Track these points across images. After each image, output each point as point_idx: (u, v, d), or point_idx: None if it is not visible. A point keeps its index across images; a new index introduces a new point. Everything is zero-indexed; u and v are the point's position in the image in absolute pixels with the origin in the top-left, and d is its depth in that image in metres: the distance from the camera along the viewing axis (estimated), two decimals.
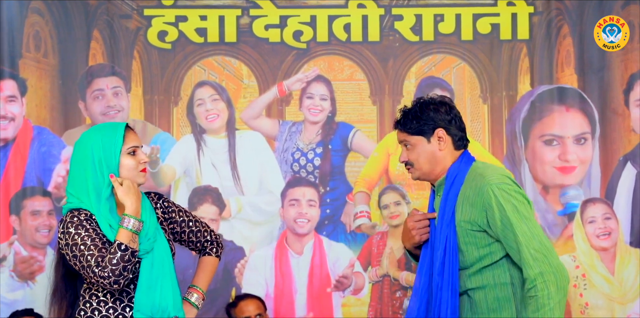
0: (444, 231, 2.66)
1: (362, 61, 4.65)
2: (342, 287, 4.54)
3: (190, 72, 4.65)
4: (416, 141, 2.73)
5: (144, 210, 2.74)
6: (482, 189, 2.61)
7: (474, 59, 4.62)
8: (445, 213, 2.66)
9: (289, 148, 4.63)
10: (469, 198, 2.65)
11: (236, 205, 4.59)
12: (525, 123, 4.57)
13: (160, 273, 2.70)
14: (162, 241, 2.75)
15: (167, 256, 2.74)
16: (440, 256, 2.64)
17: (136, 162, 2.71)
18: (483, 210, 2.61)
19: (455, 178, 2.68)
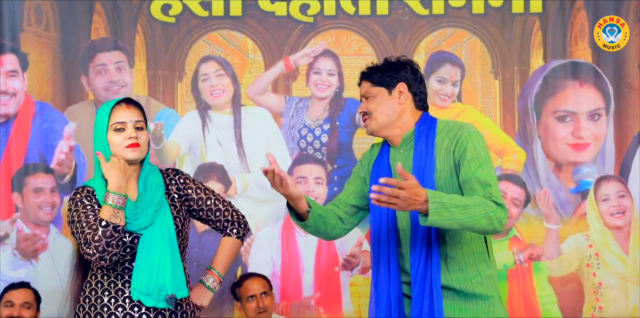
0: (427, 186, 2.72)
1: (370, 35, 4.63)
2: (350, 266, 4.54)
3: (195, 47, 4.63)
4: (377, 92, 2.84)
5: (149, 185, 2.79)
6: (460, 135, 2.75)
7: (486, 33, 4.60)
8: (425, 165, 2.75)
9: (295, 124, 4.63)
10: (447, 148, 2.76)
11: (242, 182, 4.59)
12: (537, 99, 4.56)
13: (160, 250, 2.73)
14: (165, 217, 2.77)
15: (167, 233, 2.75)
16: None
17: (122, 138, 2.74)
18: (454, 153, 2.73)
19: (428, 132, 2.79)
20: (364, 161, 3.03)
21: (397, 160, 2.86)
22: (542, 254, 4.50)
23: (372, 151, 3.03)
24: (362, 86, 2.90)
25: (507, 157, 4.57)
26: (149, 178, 2.81)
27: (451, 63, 4.60)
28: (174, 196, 2.84)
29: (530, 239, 4.53)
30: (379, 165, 2.90)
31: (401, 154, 2.87)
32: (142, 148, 2.78)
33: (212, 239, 4.55)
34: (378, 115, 2.84)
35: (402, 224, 2.87)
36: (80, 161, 4.56)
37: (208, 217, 2.88)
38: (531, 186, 4.54)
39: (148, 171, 2.82)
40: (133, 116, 2.79)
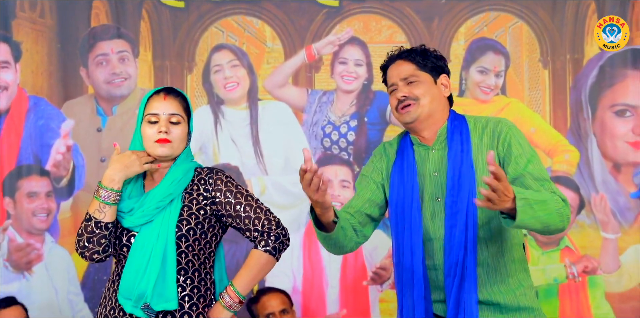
0: (465, 187, 2.67)
1: (402, 21, 4.59)
2: (380, 280, 4.47)
3: (207, 35, 4.62)
4: (424, 78, 2.78)
5: (165, 180, 2.73)
6: (500, 130, 2.72)
7: (533, 17, 4.54)
8: (463, 165, 2.69)
9: (319, 120, 4.58)
10: (487, 145, 2.73)
11: (259, 185, 4.56)
12: (593, 91, 4.49)
13: (151, 252, 2.68)
14: (167, 217, 2.71)
15: (164, 235, 2.68)
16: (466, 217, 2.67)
17: (154, 131, 2.74)
18: (497, 149, 2.70)
19: (462, 128, 2.74)
20: (379, 163, 2.90)
21: (430, 160, 2.77)
22: (598, 267, 4.43)
23: (386, 152, 2.91)
24: (402, 67, 2.80)
25: (558, 157, 4.51)
26: (170, 173, 2.77)
27: (494, 51, 4.54)
28: (195, 197, 2.76)
29: (585, 250, 4.47)
30: (402, 168, 2.80)
31: (434, 153, 2.78)
32: (174, 145, 2.76)
33: None
34: (426, 102, 2.76)
35: (435, 234, 2.76)
36: (79, 163, 4.52)
37: (238, 225, 2.78)
38: (585, 190, 4.49)
39: (175, 168, 2.78)
40: (168, 108, 2.76)
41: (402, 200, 2.74)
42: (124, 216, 2.74)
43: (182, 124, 2.77)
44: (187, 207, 2.75)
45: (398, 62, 2.81)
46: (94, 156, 4.48)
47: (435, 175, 2.74)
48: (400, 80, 2.78)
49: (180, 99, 2.80)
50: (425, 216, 2.72)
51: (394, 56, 2.82)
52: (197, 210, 2.75)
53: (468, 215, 2.66)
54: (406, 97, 2.76)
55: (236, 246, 4.50)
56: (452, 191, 2.69)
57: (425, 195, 2.74)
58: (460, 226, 2.67)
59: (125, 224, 2.74)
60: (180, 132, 2.76)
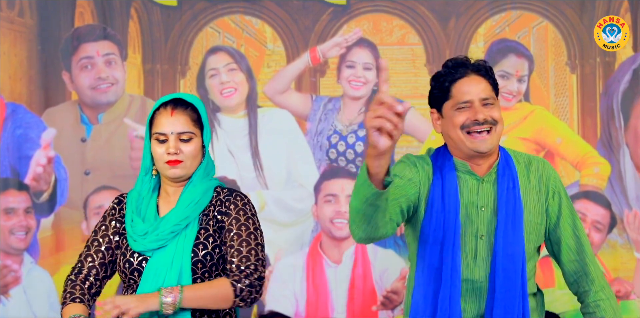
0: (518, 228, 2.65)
1: (416, 20, 4.57)
2: (391, 305, 4.44)
3: (201, 36, 4.62)
4: (497, 102, 2.69)
5: (181, 202, 2.74)
6: (548, 174, 2.72)
7: (560, 16, 4.52)
8: (515, 206, 2.67)
9: (324, 130, 4.56)
10: (535, 188, 2.71)
11: (258, 201, 4.51)
12: (625, 98, 4.47)
13: (164, 279, 2.67)
14: (182, 241, 2.70)
15: (179, 260, 2.68)
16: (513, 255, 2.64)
17: (163, 150, 2.72)
18: (546, 196, 2.71)
19: (510, 163, 2.69)
20: (418, 177, 2.72)
21: (479, 193, 2.69)
22: (631, 291, 4.42)
23: (421, 167, 2.74)
24: (482, 85, 2.67)
25: (586, 170, 4.50)
26: (187, 193, 2.76)
27: (517, 54, 4.53)
28: (212, 219, 2.76)
29: (617, 272, 4.46)
30: (443, 195, 2.67)
31: (484, 186, 2.69)
32: (187, 164, 2.73)
33: None
34: (500, 129, 2.66)
35: (474, 275, 2.66)
36: (61, 176, 4.51)
37: (225, 256, 2.74)
38: (617, 207, 4.48)
39: (192, 187, 2.76)
40: (176, 126, 2.72)
41: (442, 234, 2.62)
42: (137, 239, 2.72)
43: (195, 140, 2.74)
44: (204, 230, 2.74)
45: (474, 77, 2.66)
46: (77, 168, 4.49)
47: (483, 210, 2.65)
48: (479, 99, 2.63)
49: (191, 111, 2.76)
50: (467, 255, 2.64)
51: (465, 67, 2.67)
52: (214, 232, 2.74)
53: (523, 258, 2.62)
54: (486, 121, 2.62)
55: None
56: (505, 230, 2.61)
57: (469, 231, 2.64)
58: (515, 271, 2.62)
59: (136, 248, 2.72)
60: (192, 149, 2.73)
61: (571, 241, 2.70)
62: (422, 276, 2.69)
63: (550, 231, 2.71)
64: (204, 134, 2.76)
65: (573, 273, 2.69)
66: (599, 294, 2.68)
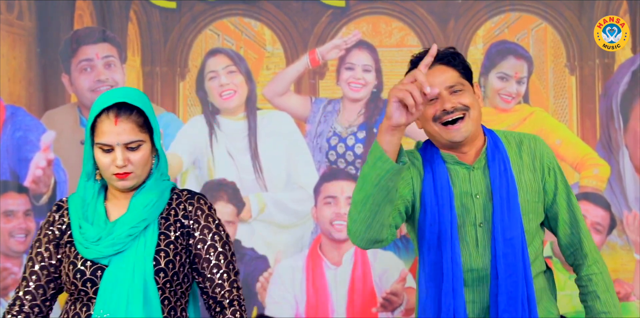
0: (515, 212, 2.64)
1: (415, 22, 4.58)
2: (391, 307, 4.45)
3: (200, 38, 4.62)
4: (468, 87, 2.65)
5: (136, 204, 2.54)
6: (542, 151, 2.71)
7: (559, 18, 4.53)
8: (508, 189, 2.65)
9: (323, 132, 4.57)
10: (529, 166, 2.69)
11: (258, 203, 4.54)
12: (625, 99, 4.46)
13: (128, 292, 2.46)
14: (142, 246, 2.50)
15: (140, 271, 2.47)
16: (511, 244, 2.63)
17: (109, 160, 2.51)
18: (542, 173, 2.71)
19: (499, 145, 2.67)
20: (412, 169, 2.71)
21: (471, 181, 2.67)
22: (631, 293, 4.41)
23: (413, 162, 2.72)
24: (446, 74, 2.64)
25: (586, 172, 4.49)
26: (141, 196, 2.56)
27: (516, 56, 4.52)
28: (172, 223, 2.56)
29: (617, 274, 4.41)
30: (435, 188, 2.65)
31: (475, 173, 2.67)
32: (137, 173, 2.53)
33: None
34: (476, 114, 2.61)
35: (478, 263, 2.65)
36: (61, 178, 4.52)
37: (202, 270, 2.57)
38: (617, 208, 4.46)
39: (146, 189, 2.57)
40: (122, 136, 2.49)
41: (437, 227, 2.61)
42: (89, 246, 2.49)
43: (144, 146, 2.53)
44: (163, 235, 2.54)
45: (438, 67, 2.62)
46: (77, 171, 4.37)
47: (478, 198, 2.63)
48: (445, 88, 2.59)
49: (137, 116, 2.52)
50: (468, 244, 2.63)
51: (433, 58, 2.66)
52: (175, 238, 2.54)
53: (522, 242, 2.60)
54: (456, 108, 2.58)
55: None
56: (502, 216, 2.59)
57: (467, 220, 2.63)
58: (515, 256, 2.60)
59: (89, 255, 2.48)
60: (141, 156, 2.52)
61: (566, 216, 2.70)
62: (425, 271, 2.68)
63: (548, 207, 2.71)
64: (154, 136, 2.55)
65: (569, 245, 2.71)
66: (592, 268, 2.69)
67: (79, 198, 2.55)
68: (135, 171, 2.51)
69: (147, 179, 2.56)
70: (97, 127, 2.48)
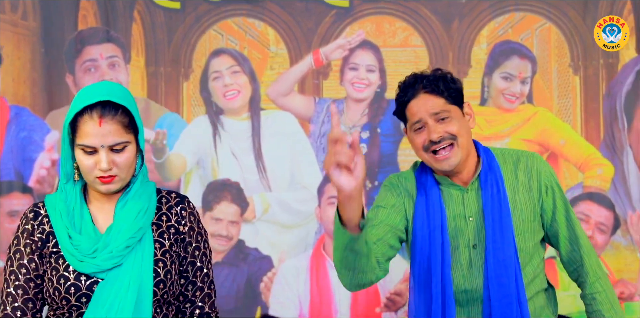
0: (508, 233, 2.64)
1: (418, 22, 4.58)
2: (395, 307, 4.45)
3: (204, 38, 4.63)
4: (456, 113, 2.65)
5: (128, 211, 2.38)
6: (539, 169, 2.71)
7: (563, 18, 4.53)
8: (501, 209, 2.66)
9: (327, 132, 4.57)
10: (524, 184, 2.70)
11: (262, 203, 4.55)
12: (629, 99, 4.47)
13: (119, 306, 2.30)
14: (140, 258, 2.35)
15: (136, 282, 2.32)
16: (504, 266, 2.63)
17: (92, 163, 2.33)
18: (539, 192, 2.70)
19: (492, 164, 2.67)
20: (401, 200, 2.72)
21: (465, 203, 2.68)
22: (635, 293, 4.41)
23: (404, 186, 2.74)
24: (431, 102, 2.64)
25: (590, 172, 4.50)
26: (130, 202, 2.39)
27: (520, 56, 4.53)
28: (165, 230, 2.42)
29: (621, 274, 4.44)
30: (428, 211, 2.66)
31: (468, 195, 2.68)
32: (122, 176, 2.36)
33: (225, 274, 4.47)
34: (464, 141, 2.62)
35: (472, 284, 2.66)
36: None
37: (193, 279, 2.45)
38: (621, 208, 4.47)
39: (133, 194, 2.40)
40: (107, 138, 2.32)
41: (428, 249, 2.61)
42: (84, 260, 2.32)
43: (129, 147, 2.36)
44: (158, 243, 2.39)
45: (422, 96, 2.63)
46: None
47: (471, 220, 2.64)
48: (430, 116, 2.61)
49: (122, 116, 2.34)
50: (462, 266, 2.63)
51: (413, 88, 2.64)
52: (169, 246, 2.41)
53: (515, 264, 2.60)
54: (443, 138, 2.60)
55: (236, 269, 4.47)
56: (494, 238, 2.60)
57: (460, 242, 2.63)
58: (508, 277, 2.60)
59: (85, 269, 2.32)
60: (127, 157, 2.36)
61: (566, 233, 2.70)
62: (415, 291, 2.70)
63: (548, 225, 2.71)
64: (139, 136, 2.37)
65: (572, 262, 2.71)
66: (595, 286, 2.69)
67: (61, 202, 2.38)
68: (120, 174, 2.35)
69: (132, 181, 2.41)
70: (78, 127, 2.31)
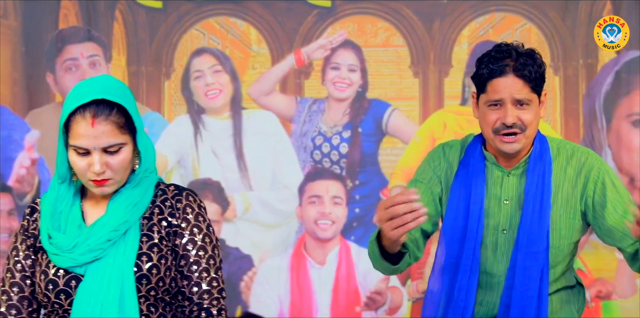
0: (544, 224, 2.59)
1: (400, 22, 4.58)
2: (375, 306, 4.46)
3: (186, 37, 4.63)
4: (535, 103, 2.59)
5: (117, 205, 2.29)
6: (591, 166, 2.64)
7: (543, 18, 4.53)
8: (542, 199, 2.61)
9: (308, 131, 4.58)
10: (571, 180, 2.64)
11: (243, 202, 4.55)
12: (608, 99, 4.47)
13: (102, 304, 2.22)
14: (122, 252, 2.26)
15: (117, 279, 2.23)
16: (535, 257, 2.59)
17: (85, 164, 2.24)
18: (584, 188, 2.62)
19: (544, 155, 2.63)
20: (438, 170, 2.73)
21: (503, 186, 2.64)
22: (613, 291, 4.41)
23: (446, 157, 2.74)
24: (517, 86, 2.59)
25: None
26: (122, 197, 2.30)
27: None
28: (156, 223, 2.32)
29: (599, 273, 4.45)
30: (468, 187, 2.64)
31: (509, 178, 2.64)
32: (117, 178, 2.27)
33: None
34: (532, 132, 2.60)
35: (493, 268, 2.64)
36: (45, 177, 4.51)
37: (188, 274, 2.33)
38: None
39: (128, 188, 2.31)
40: (100, 140, 2.22)
41: (462, 227, 2.60)
42: (61, 253, 2.23)
43: (125, 148, 2.26)
44: (146, 237, 2.29)
45: (512, 77, 2.57)
46: None
47: (506, 203, 2.62)
48: (512, 100, 2.56)
49: (117, 115, 2.24)
50: (486, 247, 2.61)
51: (505, 65, 2.57)
52: (159, 240, 2.30)
53: (544, 255, 2.57)
54: (515, 125, 2.56)
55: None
56: (530, 226, 2.56)
57: (490, 224, 2.61)
58: (535, 268, 2.57)
59: (63, 263, 2.23)
60: (122, 159, 2.26)
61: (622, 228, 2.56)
62: (440, 265, 2.67)
63: (598, 222, 2.61)
64: (137, 136, 2.28)
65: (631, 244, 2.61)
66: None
67: (50, 202, 2.31)
68: (115, 177, 2.27)
69: (130, 181, 2.33)
70: (71, 127, 2.21)
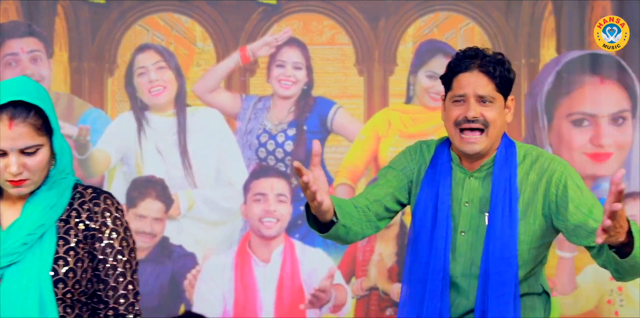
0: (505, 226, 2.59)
1: (346, 21, 4.59)
2: (319, 303, 4.48)
3: (130, 33, 4.60)
4: (499, 102, 2.60)
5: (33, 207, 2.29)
6: (553, 170, 2.61)
7: (486, 17, 4.55)
8: (507, 202, 2.60)
9: (253, 129, 4.57)
10: (533, 184, 2.62)
11: (187, 200, 4.54)
12: (549, 99, 4.50)
13: (21, 309, 2.21)
14: (38, 255, 2.25)
15: (35, 283, 2.23)
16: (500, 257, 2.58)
17: (2, 165, 2.25)
18: (546, 191, 2.60)
19: (509, 159, 2.62)
20: (413, 163, 2.73)
21: (464, 188, 2.64)
22: (553, 288, 4.42)
23: (422, 153, 2.74)
24: (481, 82, 2.59)
25: None
26: (38, 199, 2.31)
27: (444, 54, 4.49)
28: (72, 226, 2.32)
29: None
30: (433, 188, 2.65)
31: (470, 181, 2.64)
32: (34, 179, 2.28)
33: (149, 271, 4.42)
34: (494, 132, 2.58)
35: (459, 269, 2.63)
36: None
37: (105, 278, 2.32)
38: None
39: (43, 190, 2.32)
40: (17, 141, 2.24)
41: (428, 229, 2.60)
42: None
43: (42, 150, 2.27)
44: (62, 240, 2.28)
45: (476, 73, 2.57)
46: None
47: (467, 206, 2.60)
48: (475, 96, 2.56)
49: (34, 117, 2.26)
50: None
51: (471, 61, 2.58)
52: (76, 243, 2.30)
53: (516, 261, 2.56)
54: (477, 119, 2.56)
55: (160, 267, 4.45)
56: (502, 232, 2.55)
57: (451, 225, 2.61)
58: (509, 273, 2.56)
59: None
60: (39, 161, 2.27)
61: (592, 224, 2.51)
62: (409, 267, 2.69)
63: (562, 223, 2.57)
64: (54, 137, 2.29)
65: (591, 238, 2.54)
66: None
67: None
68: (32, 178, 2.27)
69: (46, 182, 2.33)
70: None
